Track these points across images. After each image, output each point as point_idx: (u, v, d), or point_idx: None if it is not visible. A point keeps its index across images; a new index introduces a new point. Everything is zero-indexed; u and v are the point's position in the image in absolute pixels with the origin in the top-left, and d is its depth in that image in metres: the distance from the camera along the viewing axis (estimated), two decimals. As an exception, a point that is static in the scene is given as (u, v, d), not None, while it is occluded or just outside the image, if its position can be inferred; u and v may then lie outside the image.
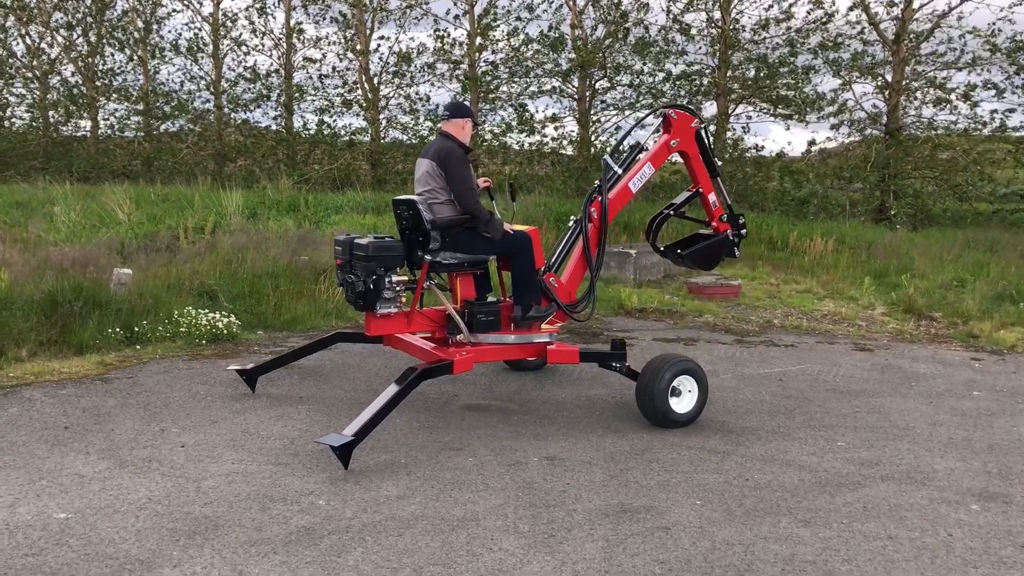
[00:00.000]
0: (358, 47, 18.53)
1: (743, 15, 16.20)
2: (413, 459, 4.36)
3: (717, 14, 16.16)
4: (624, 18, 16.37)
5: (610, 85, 17.18)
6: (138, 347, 6.38)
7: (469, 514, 3.70)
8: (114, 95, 20.56)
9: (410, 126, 18.95)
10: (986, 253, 11.35)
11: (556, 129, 17.84)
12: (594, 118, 17.68)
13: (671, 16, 16.12)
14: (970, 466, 4.55)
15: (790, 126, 18.79)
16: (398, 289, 4.85)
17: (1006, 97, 15.16)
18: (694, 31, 16.21)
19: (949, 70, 15.43)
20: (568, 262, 5.45)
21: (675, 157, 5.80)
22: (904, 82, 15.74)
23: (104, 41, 20.25)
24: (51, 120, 21.27)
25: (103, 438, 4.51)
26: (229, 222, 10.81)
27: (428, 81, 18.50)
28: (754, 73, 16.07)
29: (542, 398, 5.63)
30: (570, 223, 5.56)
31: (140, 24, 19.89)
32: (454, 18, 17.74)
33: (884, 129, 16.07)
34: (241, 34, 19.63)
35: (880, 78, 15.89)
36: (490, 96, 17.87)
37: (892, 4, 15.42)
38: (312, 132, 19.29)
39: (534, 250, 5.18)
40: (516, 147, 18.40)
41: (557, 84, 17.53)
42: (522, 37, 17.29)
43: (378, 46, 18.94)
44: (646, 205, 12.45)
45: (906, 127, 16.01)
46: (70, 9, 20.24)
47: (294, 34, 19.15)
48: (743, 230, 5.80)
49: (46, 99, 21.03)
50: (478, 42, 17.64)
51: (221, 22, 19.41)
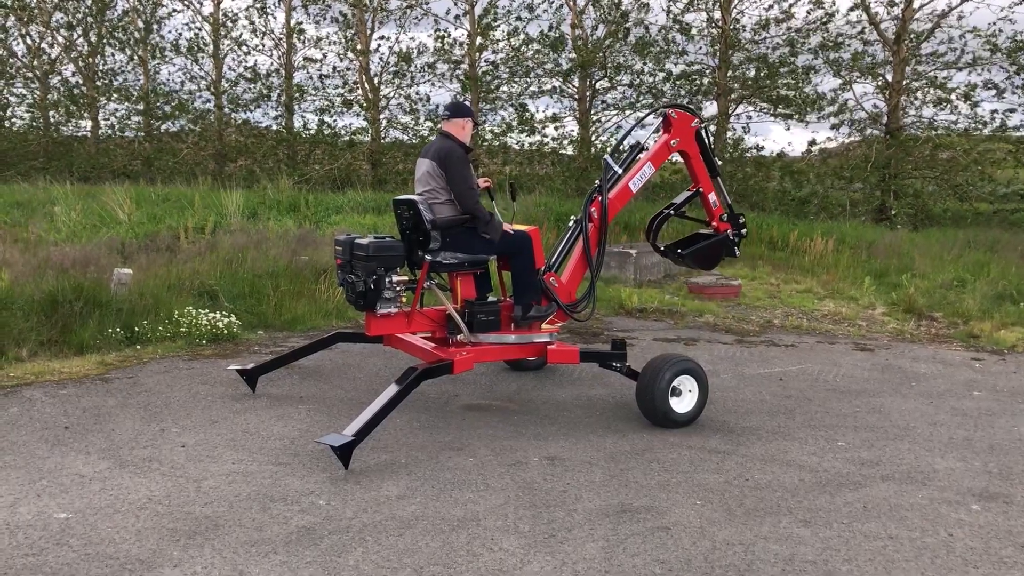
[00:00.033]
0: (358, 47, 18.53)
1: (743, 15, 16.22)
2: (413, 459, 4.36)
3: (717, 14, 16.15)
4: (624, 18, 16.36)
5: (610, 85, 17.18)
6: (138, 347, 6.39)
7: (469, 514, 3.70)
8: (114, 95, 20.57)
9: (410, 126, 18.98)
10: (986, 253, 11.35)
11: (556, 129, 17.86)
12: (594, 118, 17.69)
13: (671, 16, 16.13)
14: (970, 466, 4.55)
15: (790, 126, 18.82)
16: (398, 289, 4.86)
17: (1006, 97, 15.18)
18: (694, 31, 16.22)
19: (949, 70, 15.43)
20: (568, 262, 5.45)
21: (675, 157, 5.80)
22: (904, 82, 15.73)
23: (104, 41, 20.26)
24: (51, 120, 21.29)
25: (103, 438, 4.51)
26: (229, 222, 10.81)
27: (428, 81, 18.55)
28: (754, 73, 16.06)
29: (542, 398, 5.63)
30: (570, 223, 5.56)
31: (140, 24, 19.90)
32: (454, 18, 17.77)
33: (884, 129, 16.06)
34: (241, 34, 19.68)
35: (880, 78, 15.88)
36: (490, 96, 17.88)
37: (892, 4, 15.41)
38: (312, 132, 19.30)
39: (534, 250, 5.18)
40: (516, 147, 18.42)
41: (557, 84, 17.55)
42: (522, 37, 17.31)
43: (378, 46, 18.99)
44: (646, 205, 12.45)
45: (906, 127, 16.01)
46: (70, 9, 20.26)
47: (294, 34, 19.16)
48: (743, 230, 5.80)
49: (46, 99, 21.03)
50: (478, 42, 17.64)
51: (221, 22, 19.43)
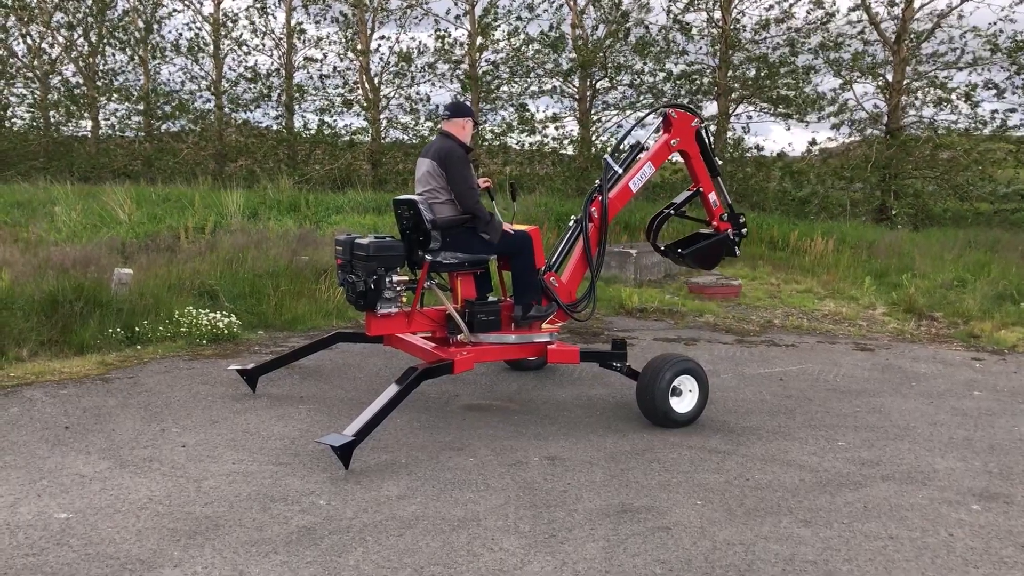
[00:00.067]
0: (359, 47, 18.53)
1: (744, 15, 16.21)
2: (414, 459, 4.36)
3: (718, 14, 16.15)
4: (625, 18, 16.36)
5: (611, 85, 17.17)
6: (139, 347, 6.39)
7: (470, 514, 3.70)
8: (115, 95, 20.56)
9: (411, 126, 18.98)
10: (987, 253, 11.34)
11: (557, 129, 17.85)
12: (595, 118, 17.68)
13: (671, 16, 16.13)
14: (971, 466, 4.55)
15: (791, 126, 18.81)
16: (399, 289, 4.86)
17: (1007, 97, 15.17)
18: (694, 31, 16.22)
19: (950, 70, 15.42)
20: (569, 262, 5.45)
21: (675, 157, 5.80)
22: (905, 82, 15.72)
23: (105, 41, 20.25)
24: (52, 120, 21.28)
25: (104, 438, 4.51)
26: (230, 222, 10.81)
27: (429, 81, 18.54)
28: (755, 73, 16.06)
29: (543, 398, 5.63)
30: (571, 223, 5.56)
31: (141, 24, 19.89)
32: (455, 18, 17.77)
33: (885, 129, 16.05)
34: (242, 34, 19.66)
35: (881, 78, 15.87)
36: (491, 96, 17.87)
37: (893, 4, 15.40)
38: (313, 132, 19.30)
39: (534, 250, 5.18)
40: (517, 147, 18.41)
41: (558, 84, 17.54)
42: (523, 37, 17.31)
43: (379, 46, 18.97)
44: (646, 205, 12.45)
45: (907, 127, 16.00)
46: (71, 9, 20.25)
47: (295, 34, 19.15)
48: (744, 229, 5.80)
49: (47, 99, 21.03)
50: (479, 42, 17.63)
51: (222, 22, 19.42)
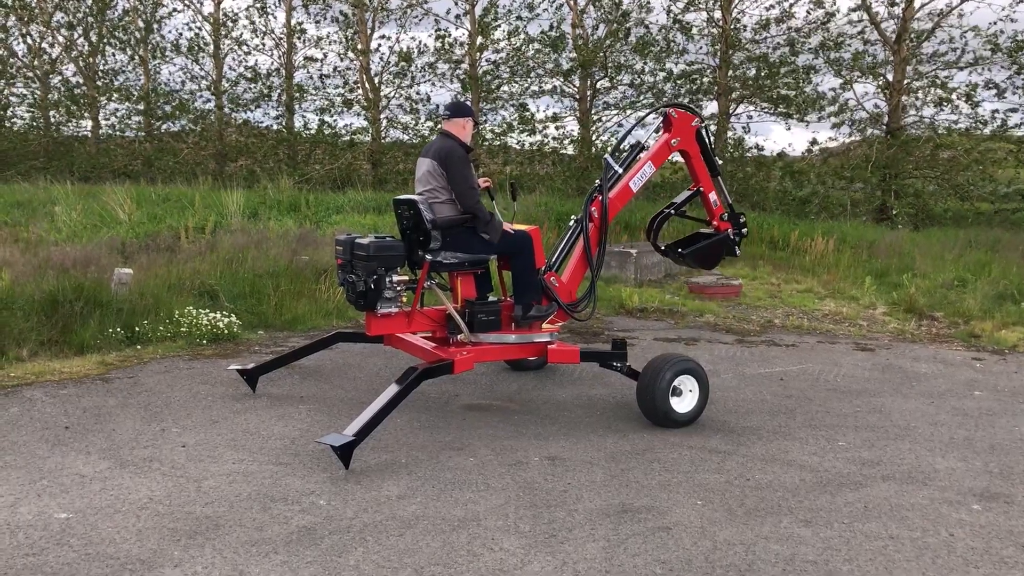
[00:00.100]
0: (359, 47, 18.52)
1: (744, 15, 16.22)
2: (414, 459, 4.36)
3: (718, 14, 16.15)
4: (625, 18, 16.36)
5: (611, 85, 17.17)
6: (139, 347, 6.39)
7: (470, 514, 3.70)
8: (115, 95, 20.56)
9: (411, 126, 18.98)
10: (987, 253, 11.33)
11: (557, 129, 17.85)
12: (595, 118, 17.67)
13: (672, 16, 16.13)
14: (971, 466, 4.55)
15: (791, 126, 18.80)
16: (399, 289, 4.86)
17: (1007, 97, 15.16)
18: (695, 31, 16.22)
19: (950, 70, 15.42)
20: (569, 261, 5.44)
21: (676, 156, 5.79)
22: (905, 82, 15.72)
23: (105, 41, 20.25)
24: (52, 120, 21.28)
25: (104, 438, 4.51)
26: (230, 222, 10.81)
27: (429, 81, 18.53)
28: (755, 73, 16.06)
29: (543, 398, 5.62)
30: (571, 222, 5.56)
31: (141, 24, 19.89)
32: (455, 18, 17.78)
33: (885, 129, 16.05)
34: (242, 34, 19.65)
35: (881, 78, 15.87)
36: (491, 96, 17.87)
37: (893, 3, 15.40)
38: (313, 132, 19.29)
39: (535, 250, 5.18)
40: (517, 147, 18.41)
41: (558, 84, 17.53)
42: (523, 37, 17.31)
43: (379, 46, 18.96)
44: (647, 204, 12.45)
45: (907, 127, 15.99)
46: (71, 9, 20.25)
47: (295, 34, 19.15)
48: (744, 229, 5.79)
49: (47, 99, 21.03)
50: (479, 42, 17.63)
51: (222, 22, 19.41)
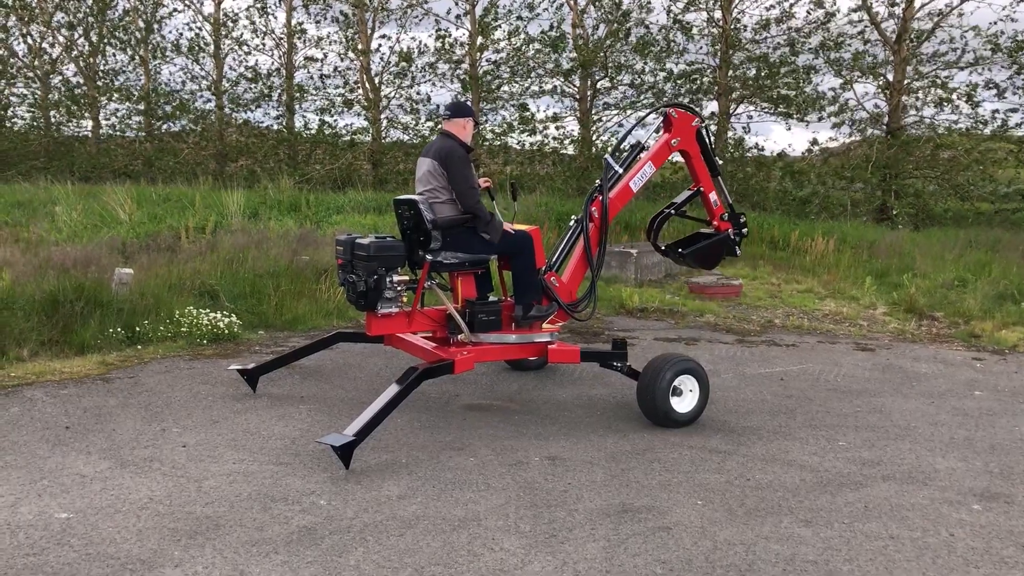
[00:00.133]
0: (359, 47, 18.51)
1: (744, 15, 16.21)
2: (414, 459, 4.36)
3: (718, 14, 16.14)
4: (625, 17, 16.35)
5: (611, 85, 17.16)
6: (139, 347, 6.39)
7: (470, 514, 3.70)
8: (115, 95, 20.55)
9: (411, 126, 18.96)
10: (988, 253, 11.33)
11: (557, 129, 17.83)
12: (595, 117, 17.65)
13: (672, 16, 16.12)
14: (972, 466, 4.55)
15: (791, 126, 18.79)
16: (399, 289, 4.86)
17: (1007, 97, 15.15)
18: (695, 31, 16.21)
19: (951, 70, 15.41)
20: (569, 261, 5.44)
21: (676, 156, 5.79)
22: (906, 82, 15.71)
23: (105, 41, 20.24)
24: (52, 120, 21.27)
25: (104, 438, 4.51)
26: (230, 222, 10.81)
27: (429, 81, 18.51)
28: (755, 73, 16.06)
29: (543, 398, 5.62)
30: (571, 222, 5.56)
31: (141, 24, 19.89)
32: (455, 18, 17.77)
33: (886, 129, 16.04)
34: (242, 34, 19.61)
35: (881, 78, 15.86)
36: (491, 96, 17.86)
37: (893, 3, 15.39)
38: (313, 132, 19.28)
39: (535, 250, 5.18)
40: (517, 147, 18.40)
41: (558, 84, 17.52)
42: (523, 36, 17.30)
43: (379, 46, 18.95)
44: (647, 204, 12.44)
45: (908, 127, 15.99)
46: (71, 9, 20.24)
47: (295, 34, 19.15)
48: (744, 229, 5.79)
49: (47, 99, 21.02)
50: (479, 42, 17.62)
51: (222, 22, 19.40)
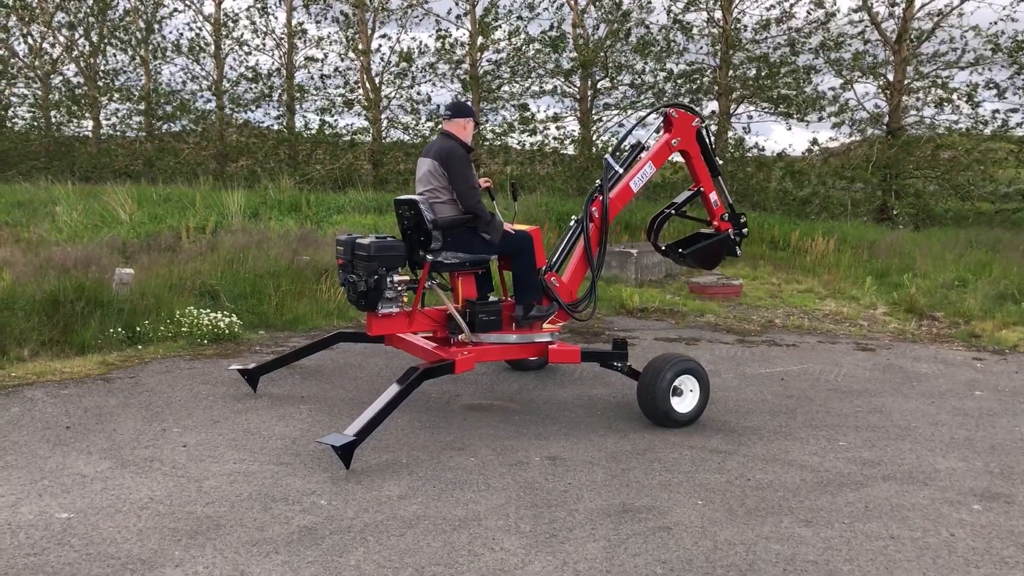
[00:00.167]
0: (360, 47, 18.52)
1: (744, 15, 16.21)
2: (415, 459, 4.36)
3: (718, 14, 16.15)
4: (626, 17, 16.36)
5: (611, 85, 17.16)
6: (140, 347, 6.39)
7: (471, 514, 3.70)
8: (116, 95, 20.56)
9: (412, 126, 18.98)
10: (988, 253, 11.33)
11: (558, 129, 17.85)
12: (595, 117, 17.66)
13: (672, 16, 16.13)
14: (972, 466, 4.55)
15: (791, 126, 18.78)
16: (400, 289, 4.86)
17: (1008, 97, 15.15)
18: (695, 31, 16.22)
19: (951, 70, 15.41)
20: (569, 261, 5.44)
21: (676, 156, 5.79)
22: (906, 82, 15.71)
23: (106, 41, 20.25)
24: (53, 120, 21.28)
25: (105, 438, 4.51)
26: (231, 222, 10.81)
27: (430, 81, 18.52)
28: (755, 73, 16.06)
29: (543, 398, 5.63)
30: (571, 222, 5.56)
31: (142, 24, 19.89)
32: (456, 18, 17.77)
33: (886, 129, 16.04)
34: (243, 34, 19.62)
35: (882, 78, 15.86)
36: (491, 96, 17.88)
37: (894, 3, 15.39)
38: (314, 132, 19.29)
39: (535, 250, 5.18)
40: (517, 147, 18.40)
41: (559, 84, 17.54)
42: (523, 36, 17.30)
43: (379, 46, 18.96)
44: (647, 204, 12.44)
45: (908, 127, 15.99)
46: (72, 9, 20.25)
47: (295, 34, 19.15)
48: (744, 229, 5.79)
49: (48, 99, 21.03)
50: (479, 42, 17.63)
51: (223, 22, 19.41)
